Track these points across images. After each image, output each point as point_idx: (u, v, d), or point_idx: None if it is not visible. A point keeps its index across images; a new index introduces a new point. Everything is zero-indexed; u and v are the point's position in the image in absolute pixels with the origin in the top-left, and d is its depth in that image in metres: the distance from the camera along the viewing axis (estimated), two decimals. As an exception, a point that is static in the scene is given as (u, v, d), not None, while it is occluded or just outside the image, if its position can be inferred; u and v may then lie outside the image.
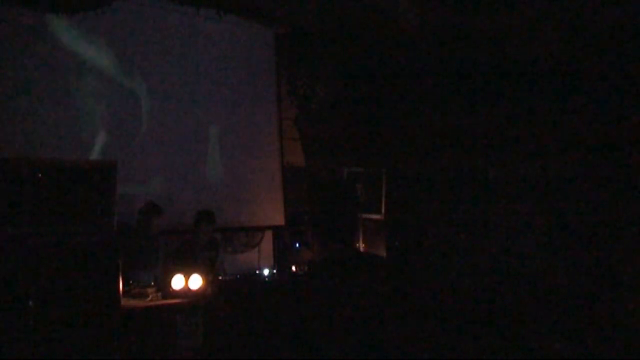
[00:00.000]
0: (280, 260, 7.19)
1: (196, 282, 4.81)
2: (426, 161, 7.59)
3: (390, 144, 7.94)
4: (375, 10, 7.12)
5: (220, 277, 5.55)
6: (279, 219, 7.64)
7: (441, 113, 7.69)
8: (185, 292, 4.76)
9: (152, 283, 4.88)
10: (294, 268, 6.02)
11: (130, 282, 4.80)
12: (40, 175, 3.91)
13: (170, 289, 4.76)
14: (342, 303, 2.10)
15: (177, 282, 4.78)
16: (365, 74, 8.08)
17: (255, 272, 5.93)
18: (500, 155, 7.33)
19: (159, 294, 4.77)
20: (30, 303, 3.81)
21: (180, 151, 6.86)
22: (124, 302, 4.38)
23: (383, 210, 6.88)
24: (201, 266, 5.86)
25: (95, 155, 5.99)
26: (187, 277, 4.80)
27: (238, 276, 5.69)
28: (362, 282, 2.12)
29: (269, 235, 7.56)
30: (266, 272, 5.69)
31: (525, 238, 6.99)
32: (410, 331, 2.08)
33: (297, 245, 7.49)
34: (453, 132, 7.63)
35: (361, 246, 6.64)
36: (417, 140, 7.81)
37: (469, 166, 7.59)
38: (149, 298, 4.67)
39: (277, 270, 6.14)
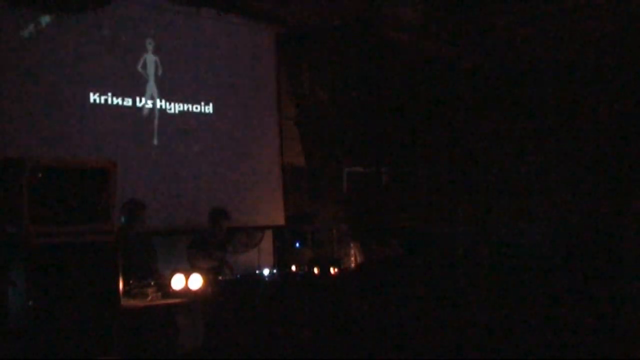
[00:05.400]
0: (280, 260, 7.19)
1: (196, 282, 4.80)
2: (428, 160, 7.59)
3: (391, 144, 7.94)
4: (377, 8, 7.12)
5: (220, 277, 5.55)
6: (279, 219, 7.64)
7: (442, 112, 7.69)
8: (185, 292, 4.75)
9: (152, 283, 4.88)
10: (294, 268, 6.02)
11: (130, 282, 4.79)
12: (40, 175, 3.91)
13: (170, 289, 4.76)
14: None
15: (177, 282, 4.77)
16: (365, 73, 8.07)
17: (255, 272, 5.93)
18: (502, 155, 7.33)
19: (159, 294, 4.77)
20: (30, 303, 3.81)
21: (179, 151, 6.86)
22: (124, 302, 4.38)
23: None
24: (215, 264, 5.95)
25: (95, 155, 5.98)
26: (187, 277, 4.79)
27: (238, 276, 5.68)
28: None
29: (269, 235, 7.56)
30: (266, 272, 5.69)
31: (527, 235, 7.00)
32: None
33: (297, 245, 7.49)
34: (454, 131, 7.63)
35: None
36: (418, 139, 7.82)
37: (470, 164, 7.59)
38: (149, 298, 4.66)
39: (277, 270, 6.14)
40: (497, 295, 6.67)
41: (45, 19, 5.94)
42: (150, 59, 6.69)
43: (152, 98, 6.69)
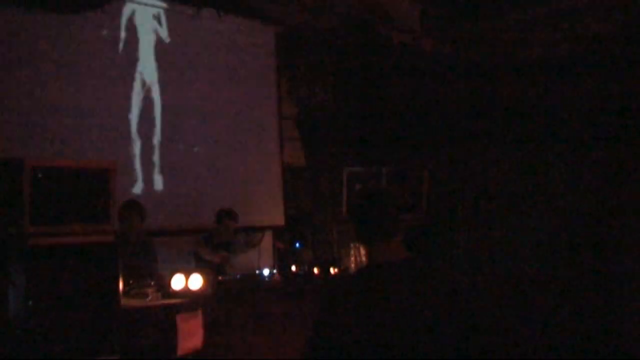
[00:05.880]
0: (280, 260, 7.19)
1: (196, 282, 4.80)
2: (427, 160, 7.59)
3: (391, 144, 7.94)
4: (376, 9, 7.12)
5: (220, 277, 5.55)
6: (279, 219, 7.64)
7: (442, 112, 7.68)
8: (185, 292, 4.75)
9: (152, 283, 4.88)
10: (294, 268, 6.02)
11: (130, 282, 4.79)
12: (40, 175, 3.91)
13: (170, 289, 4.76)
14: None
15: (177, 282, 4.77)
16: (365, 73, 8.07)
17: (255, 272, 5.93)
18: (500, 154, 7.33)
19: (159, 294, 4.77)
20: (30, 303, 3.81)
21: (179, 151, 6.86)
22: (124, 302, 4.38)
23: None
24: (219, 262, 5.98)
25: (94, 155, 5.99)
26: (187, 277, 4.79)
27: (238, 276, 5.69)
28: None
29: (269, 235, 7.56)
30: (266, 272, 5.69)
31: (525, 238, 6.99)
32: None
33: (297, 245, 7.49)
34: (454, 131, 7.63)
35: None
36: (418, 139, 7.82)
37: (469, 164, 7.59)
38: (149, 298, 4.66)
39: (277, 270, 6.15)
40: (497, 298, 6.68)
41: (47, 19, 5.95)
42: (150, 59, 6.69)
43: (152, 98, 6.69)
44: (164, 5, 6.78)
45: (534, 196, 7.04)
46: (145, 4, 6.67)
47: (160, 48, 6.76)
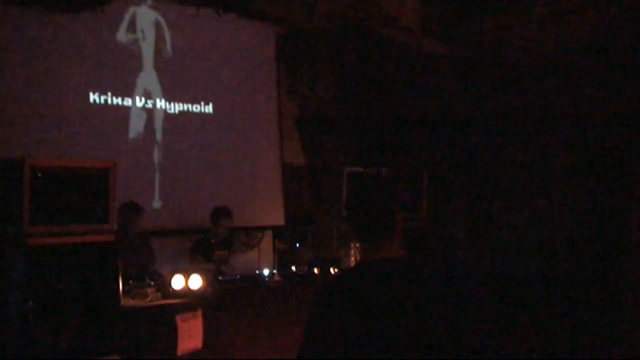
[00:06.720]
0: (280, 260, 7.18)
1: (196, 282, 4.80)
2: (426, 159, 7.59)
3: (391, 143, 7.94)
4: (376, 8, 7.12)
5: (220, 278, 5.55)
6: (279, 219, 7.64)
7: (442, 111, 7.68)
8: (185, 292, 4.75)
9: (152, 283, 4.88)
10: (293, 268, 6.01)
11: (130, 282, 4.79)
12: (40, 175, 3.91)
13: (170, 289, 4.76)
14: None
15: (177, 282, 4.77)
16: (365, 73, 8.07)
17: (255, 272, 5.93)
18: (500, 153, 7.33)
19: (159, 294, 4.77)
20: (30, 303, 3.81)
21: (179, 151, 6.86)
22: (124, 302, 4.38)
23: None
24: (214, 264, 5.96)
25: (95, 155, 5.98)
26: (187, 277, 4.79)
27: (238, 276, 5.68)
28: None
29: (269, 235, 7.56)
30: (266, 272, 5.68)
31: (524, 237, 6.99)
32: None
33: (297, 245, 7.48)
34: (454, 130, 7.63)
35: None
36: (417, 138, 7.82)
37: (469, 163, 7.59)
38: (149, 298, 4.66)
39: (277, 270, 6.14)
40: (498, 299, 6.68)
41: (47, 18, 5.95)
42: (150, 58, 6.69)
43: (152, 98, 6.69)
44: (164, 5, 6.77)
45: (535, 195, 7.04)
46: (145, 4, 6.68)
47: (160, 48, 6.76)
